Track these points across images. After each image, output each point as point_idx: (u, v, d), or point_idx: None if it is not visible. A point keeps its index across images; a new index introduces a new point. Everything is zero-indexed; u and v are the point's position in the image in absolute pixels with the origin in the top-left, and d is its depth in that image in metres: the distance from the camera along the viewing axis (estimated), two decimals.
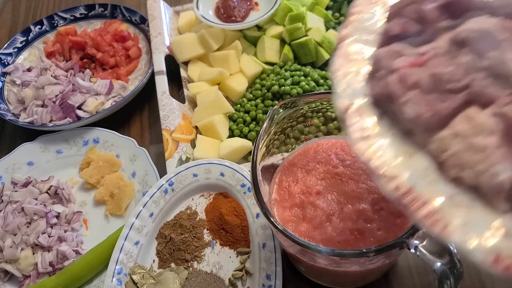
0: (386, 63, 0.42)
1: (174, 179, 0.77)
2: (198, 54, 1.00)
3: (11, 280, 0.78)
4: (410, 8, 0.43)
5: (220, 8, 1.03)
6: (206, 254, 0.72)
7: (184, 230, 0.74)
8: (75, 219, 0.84)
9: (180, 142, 0.85)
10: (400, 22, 0.43)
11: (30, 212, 0.81)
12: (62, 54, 1.12)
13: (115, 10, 1.17)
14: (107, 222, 0.84)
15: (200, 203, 0.77)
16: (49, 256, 0.77)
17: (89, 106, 0.96)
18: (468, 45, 0.37)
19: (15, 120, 0.96)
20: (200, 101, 0.92)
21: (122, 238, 0.72)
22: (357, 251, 0.47)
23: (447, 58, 0.39)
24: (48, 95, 0.96)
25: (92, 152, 0.90)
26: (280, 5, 0.99)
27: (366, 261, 0.51)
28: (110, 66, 1.08)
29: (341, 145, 0.65)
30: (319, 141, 0.66)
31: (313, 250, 0.48)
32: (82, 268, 0.74)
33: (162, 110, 0.89)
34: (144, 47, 1.11)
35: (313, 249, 0.48)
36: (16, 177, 0.89)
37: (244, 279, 0.68)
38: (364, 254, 0.46)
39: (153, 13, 1.08)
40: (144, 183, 0.84)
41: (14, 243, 0.78)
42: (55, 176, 0.91)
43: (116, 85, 1.02)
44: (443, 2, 0.41)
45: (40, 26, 1.17)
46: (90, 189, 0.89)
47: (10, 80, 1.06)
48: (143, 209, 0.75)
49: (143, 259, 0.73)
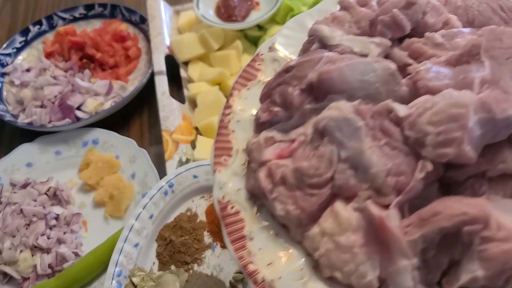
0: (255, 155, 0.41)
1: (174, 181, 0.77)
2: (198, 54, 1.00)
3: (10, 282, 0.78)
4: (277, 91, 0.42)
5: (220, 7, 1.03)
6: (206, 257, 0.72)
7: (184, 232, 0.73)
8: (74, 220, 0.83)
9: (180, 143, 0.84)
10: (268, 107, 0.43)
11: (29, 214, 0.80)
12: (61, 54, 1.12)
13: (114, 10, 1.17)
14: (107, 224, 0.83)
15: (200, 205, 0.77)
16: (48, 258, 0.77)
17: (89, 107, 0.96)
18: (328, 134, 0.37)
19: (14, 121, 0.95)
20: (201, 101, 0.91)
21: (121, 240, 0.72)
22: None
23: (312, 148, 0.39)
24: (47, 96, 0.95)
25: (91, 153, 0.90)
26: (281, 5, 0.99)
27: None
28: (109, 67, 1.07)
29: None
30: None
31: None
32: (81, 270, 0.74)
33: (162, 111, 0.88)
34: (144, 47, 1.11)
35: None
36: (15, 179, 0.88)
37: (245, 281, 0.68)
38: None
39: (153, 12, 1.07)
40: (144, 184, 0.84)
41: (13, 245, 0.77)
42: (54, 177, 0.90)
43: (116, 86, 1.01)
44: (305, 86, 0.40)
45: (39, 26, 1.16)
46: (89, 190, 0.88)
47: (9, 81, 1.06)
48: (143, 211, 0.74)
49: (143, 261, 0.72)
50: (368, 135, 0.36)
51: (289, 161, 0.39)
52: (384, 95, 0.39)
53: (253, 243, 0.40)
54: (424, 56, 0.41)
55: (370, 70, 0.39)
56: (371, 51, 0.42)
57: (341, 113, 0.37)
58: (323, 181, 0.37)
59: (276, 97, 0.42)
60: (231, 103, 0.48)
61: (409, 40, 0.43)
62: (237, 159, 0.45)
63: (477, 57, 0.38)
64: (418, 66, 0.40)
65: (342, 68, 0.39)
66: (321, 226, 0.37)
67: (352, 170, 0.36)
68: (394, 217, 0.34)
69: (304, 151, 0.39)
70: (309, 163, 0.38)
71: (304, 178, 0.38)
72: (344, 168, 0.36)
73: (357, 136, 0.36)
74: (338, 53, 0.43)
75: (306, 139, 0.40)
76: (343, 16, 0.47)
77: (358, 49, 0.43)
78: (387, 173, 0.35)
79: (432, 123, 0.34)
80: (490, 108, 0.33)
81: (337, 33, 0.45)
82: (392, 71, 0.39)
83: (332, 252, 0.35)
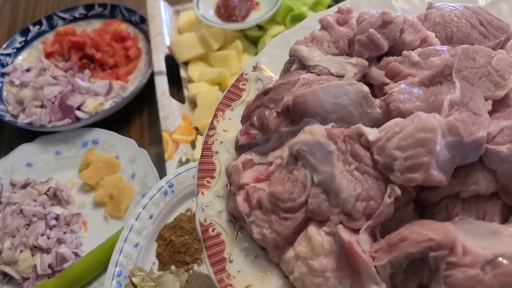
0: (234, 178, 0.43)
1: (174, 181, 0.77)
2: (198, 54, 0.99)
3: (10, 282, 0.78)
4: (255, 113, 0.44)
5: (220, 7, 1.03)
6: None
7: (184, 232, 0.73)
8: (74, 220, 0.83)
9: (180, 143, 0.84)
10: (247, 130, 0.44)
11: (29, 214, 0.80)
12: (61, 55, 1.12)
13: (114, 10, 1.17)
14: (107, 224, 0.83)
15: None
16: (48, 258, 0.77)
17: (89, 107, 0.96)
18: (302, 158, 0.38)
19: (14, 121, 0.95)
20: (201, 101, 0.91)
21: (121, 240, 0.72)
22: None
23: (287, 171, 0.40)
24: (47, 96, 0.95)
25: (91, 153, 0.90)
26: (281, 5, 0.99)
27: None
28: (109, 67, 1.07)
29: None
30: None
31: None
32: (81, 270, 0.74)
33: (162, 111, 0.88)
34: (144, 47, 1.11)
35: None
36: (15, 179, 0.88)
37: None
38: None
39: (153, 12, 1.07)
40: (144, 184, 0.84)
41: (13, 245, 0.77)
42: (54, 177, 0.90)
43: (116, 86, 1.01)
44: (281, 109, 0.42)
45: (39, 26, 1.16)
46: (89, 190, 0.88)
47: (9, 81, 1.06)
48: (142, 211, 0.74)
49: (143, 261, 0.72)
50: (339, 159, 0.37)
51: (265, 184, 0.41)
52: (357, 118, 0.39)
53: (232, 266, 0.41)
54: (400, 75, 0.42)
55: (344, 93, 0.40)
56: (347, 72, 0.43)
57: (314, 137, 0.38)
58: (297, 205, 0.38)
59: (254, 120, 0.43)
60: (215, 124, 0.50)
61: (387, 58, 0.44)
62: (220, 181, 0.46)
63: (449, 78, 0.38)
64: (392, 87, 0.40)
65: (316, 92, 0.40)
66: (296, 250, 0.38)
67: (325, 195, 0.37)
68: (364, 242, 0.34)
69: (280, 174, 0.40)
70: (283, 187, 0.39)
71: (279, 203, 0.39)
72: (317, 192, 0.37)
73: (329, 161, 0.37)
74: (316, 74, 0.44)
75: (283, 162, 0.41)
76: (322, 35, 0.47)
77: (335, 70, 0.43)
78: (357, 198, 0.35)
79: (400, 148, 0.34)
80: (458, 132, 0.34)
81: (316, 54, 0.45)
82: (365, 94, 0.39)
83: (306, 276, 0.37)
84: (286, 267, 0.39)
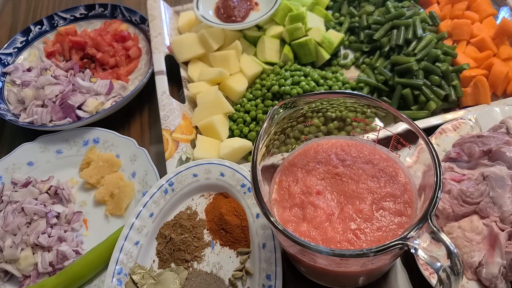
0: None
1: (174, 179, 0.77)
2: (198, 54, 1.00)
3: (11, 280, 0.78)
4: (467, 145, 0.73)
5: (220, 8, 1.03)
6: (206, 254, 0.72)
7: (184, 230, 0.74)
8: (75, 219, 0.84)
9: (180, 142, 0.85)
10: (458, 151, 0.73)
11: (30, 212, 0.81)
12: (62, 54, 1.12)
13: (115, 10, 1.17)
14: (107, 222, 0.84)
15: (200, 203, 0.77)
16: (49, 256, 0.77)
17: (89, 106, 0.96)
18: (488, 180, 0.67)
19: (15, 120, 0.96)
20: (200, 101, 0.92)
21: (122, 238, 0.72)
22: (358, 251, 0.47)
23: (474, 183, 0.68)
24: (48, 95, 0.96)
25: (92, 152, 0.90)
26: (280, 5, 0.99)
27: (366, 261, 0.51)
28: (110, 66, 1.08)
29: (341, 145, 0.65)
30: (319, 141, 0.66)
31: (313, 250, 0.48)
32: (82, 268, 0.74)
33: (162, 110, 0.89)
34: (144, 47, 1.11)
35: (313, 249, 0.48)
36: (16, 177, 0.89)
37: (244, 279, 0.68)
38: (364, 255, 0.46)
39: (153, 13, 1.08)
40: (144, 183, 0.84)
41: (14, 243, 0.78)
42: (55, 176, 0.91)
43: (116, 85, 1.02)
44: (485, 150, 0.71)
45: (40, 26, 1.17)
46: (90, 189, 0.89)
47: (10, 80, 1.06)
48: (143, 209, 0.75)
49: (143, 259, 0.73)
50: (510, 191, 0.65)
51: (457, 184, 0.70)
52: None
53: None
54: None
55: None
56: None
57: (501, 173, 0.67)
58: (472, 202, 0.67)
59: (465, 147, 0.73)
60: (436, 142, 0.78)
61: None
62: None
63: None
64: None
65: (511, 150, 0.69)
66: (460, 223, 0.67)
67: (492, 204, 0.65)
68: (503, 237, 0.62)
69: (469, 183, 0.69)
70: (469, 189, 0.67)
71: (462, 196, 0.67)
72: (488, 200, 0.66)
73: (503, 188, 0.66)
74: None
75: (472, 177, 0.70)
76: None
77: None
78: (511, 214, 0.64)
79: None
80: None
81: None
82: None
83: (459, 238, 0.65)
84: (448, 230, 0.67)
